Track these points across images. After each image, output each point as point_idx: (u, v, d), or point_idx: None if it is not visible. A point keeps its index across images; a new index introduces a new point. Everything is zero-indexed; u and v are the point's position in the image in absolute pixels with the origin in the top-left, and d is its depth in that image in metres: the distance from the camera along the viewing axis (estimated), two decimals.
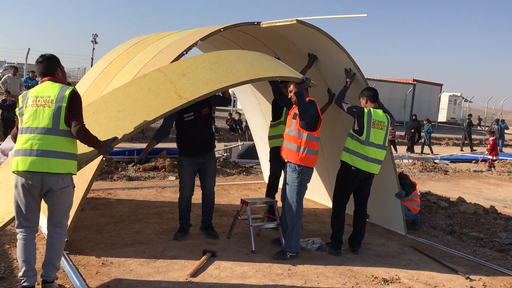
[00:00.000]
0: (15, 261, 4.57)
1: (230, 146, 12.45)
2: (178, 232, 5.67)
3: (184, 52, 5.39)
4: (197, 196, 8.04)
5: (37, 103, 3.74)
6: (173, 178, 9.39)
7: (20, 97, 3.90)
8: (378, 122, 5.40)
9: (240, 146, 12.40)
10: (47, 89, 3.79)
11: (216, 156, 11.33)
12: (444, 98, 36.49)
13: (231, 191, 8.60)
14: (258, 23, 5.99)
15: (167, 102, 4.29)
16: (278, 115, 6.24)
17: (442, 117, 36.09)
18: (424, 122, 19.61)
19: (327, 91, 6.29)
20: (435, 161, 15.26)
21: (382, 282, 4.74)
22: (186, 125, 5.47)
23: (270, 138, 6.36)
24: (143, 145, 14.00)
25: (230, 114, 20.87)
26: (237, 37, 7.18)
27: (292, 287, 4.48)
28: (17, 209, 3.81)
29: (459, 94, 38.73)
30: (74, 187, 3.96)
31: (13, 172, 3.76)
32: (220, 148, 12.92)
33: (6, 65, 34.95)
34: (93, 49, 44.60)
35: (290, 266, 4.99)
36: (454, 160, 16.46)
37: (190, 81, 4.54)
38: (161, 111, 4.18)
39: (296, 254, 5.22)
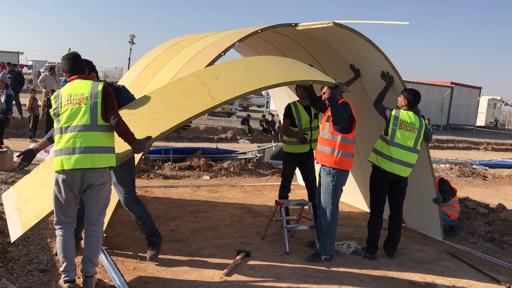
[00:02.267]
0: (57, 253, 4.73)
1: (264, 147, 12.47)
2: None
3: (222, 53, 5.44)
4: (231, 196, 8.11)
5: (72, 102, 3.80)
6: (208, 177, 9.49)
7: (52, 97, 3.96)
8: (407, 123, 5.33)
9: (273, 147, 12.40)
10: (79, 87, 3.85)
11: (250, 156, 11.47)
12: (483, 101, 35.50)
13: (264, 192, 8.62)
14: (296, 24, 5.99)
15: (200, 104, 4.37)
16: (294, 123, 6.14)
17: (480, 121, 35.15)
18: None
19: (350, 67, 6.28)
20: (473, 166, 14.87)
21: None
22: None
23: (286, 142, 6.16)
24: (178, 144, 14.23)
25: (263, 116, 20.91)
26: (274, 38, 7.20)
27: None
28: (56, 205, 3.90)
29: (499, 98, 37.63)
30: (111, 184, 4.04)
31: (57, 172, 3.84)
32: (253, 148, 12.97)
33: (48, 64, 36.13)
34: (130, 49, 45.56)
35: (325, 268, 4.96)
36: (493, 165, 15.97)
37: (223, 84, 4.63)
38: (194, 112, 4.26)
39: (330, 257, 5.19)
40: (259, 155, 11.89)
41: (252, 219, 6.67)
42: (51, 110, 3.97)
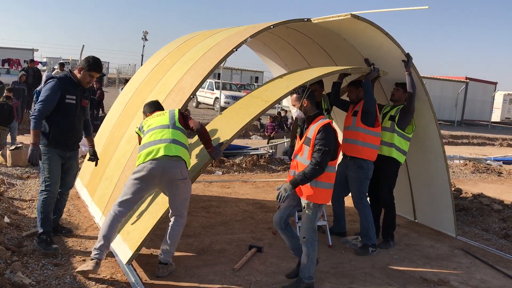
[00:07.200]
0: (71, 248, 4.80)
1: (276, 143, 12.47)
2: (44, 243, 4.66)
3: (234, 49, 5.45)
4: (243, 192, 8.11)
5: (154, 117, 4.51)
6: (220, 173, 9.52)
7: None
8: None
9: (285, 143, 12.39)
10: (159, 112, 4.65)
11: (262, 152, 11.48)
12: (499, 97, 35.00)
13: (276, 187, 8.61)
14: (308, 19, 5.96)
15: (256, 108, 4.88)
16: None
17: (496, 117, 34.67)
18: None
19: (365, 61, 6.25)
20: (488, 162, 14.69)
21: (431, 285, 4.63)
22: (65, 109, 4.72)
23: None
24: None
25: (279, 113, 20.85)
26: (286, 34, 7.18)
27: (338, 287, 4.45)
28: (128, 189, 4.23)
29: None
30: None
31: (140, 163, 4.20)
32: (265, 144, 12.97)
33: (61, 61, 36.52)
34: (143, 46, 45.85)
35: (336, 264, 4.96)
36: (509, 161, 15.76)
37: (272, 91, 5.24)
38: (253, 115, 4.75)
39: (375, 249, 5.39)
40: (271, 151, 11.89)
41: (264, 214, 6.68)
42: (137, 129, 4.60)
